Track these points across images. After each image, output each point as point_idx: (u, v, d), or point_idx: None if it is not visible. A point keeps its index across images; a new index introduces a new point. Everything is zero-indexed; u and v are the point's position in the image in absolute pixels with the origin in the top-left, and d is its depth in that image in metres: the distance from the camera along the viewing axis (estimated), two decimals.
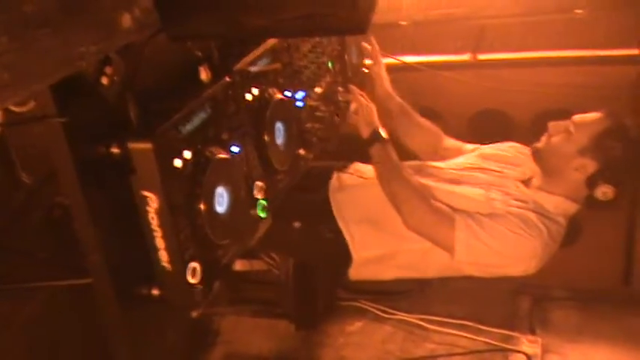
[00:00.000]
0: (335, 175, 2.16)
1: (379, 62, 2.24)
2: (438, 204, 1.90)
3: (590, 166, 1.88)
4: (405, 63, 2.40)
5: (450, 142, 2.29)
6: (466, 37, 2.65)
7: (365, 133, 1.97)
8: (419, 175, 2.08)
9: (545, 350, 2.52)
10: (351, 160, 2.22)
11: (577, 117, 1.93)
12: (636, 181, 2.23)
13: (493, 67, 2.51)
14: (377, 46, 2.24)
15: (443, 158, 2.22)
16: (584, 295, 2.71)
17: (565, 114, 2.30)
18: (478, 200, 1.92)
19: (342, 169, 2.20)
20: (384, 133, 1.95)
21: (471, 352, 2.53)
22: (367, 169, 2.17)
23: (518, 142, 2.37)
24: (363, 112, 1.97)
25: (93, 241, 1.18)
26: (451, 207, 1.90)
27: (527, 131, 2.51)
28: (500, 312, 2.68)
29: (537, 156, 1.98)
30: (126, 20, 0.97)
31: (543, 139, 1.96)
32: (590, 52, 2.41)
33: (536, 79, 2.42)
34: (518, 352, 2.51)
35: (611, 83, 2.36)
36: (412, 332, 2.65)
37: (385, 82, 2.24)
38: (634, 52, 2.35)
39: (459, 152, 2.24)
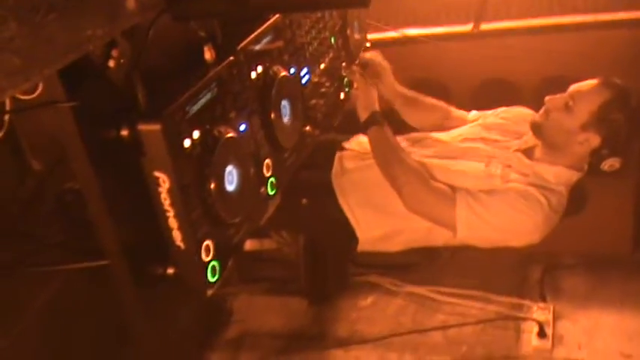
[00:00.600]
0: (337, 157, 2.14)
1: (383, 64, 2.19)
2: (437, 184, 1.89)
3: (594, 139, 1.85)
4: (408, 36, 2.40)
5: (456, 113, 2.27)
6: (468, 8, 2.64)
7: (362, 116, 1.96)
8: (419, 147, 2.09)
9: (556, 317, 2.55)
10: (355, 133, 2.20)
11: (573, 88, 1.89)
12: None
13: (495, 36, 2.51)
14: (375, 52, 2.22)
15: (448, 129, 2.20)
16: (593, 262, 2.72)
17: (569, 80, 2.30)
18: (478, 176, 1.91)
19: (346, 144, 2.19)
20: (380, 116, 1.94)
21: (483, 322, 2.56)
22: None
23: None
24: (362, 95, 1.97)
25: (107, 224, 1.19)
26: (450, 185, 1.89)
27: (532, 98, 2.50)
28: (511, 281, 2.70)
29: (537, 131, 1.94)
30: (130, 2, 0.97)
31: (542, 113, 1.92)
32: (593, 16, 2.40)
33: (539, 47, 2.41)
34: (530, 319, 2.53)
35: (616, 48, 2.35)
36: (423, 304, 2.68)
37: (390, 79, 2.21)
38: (638, 15, 2.33)
39: (464, 122, 2.22)
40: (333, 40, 1.96)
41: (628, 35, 2.34)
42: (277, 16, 1.56)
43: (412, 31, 2.46)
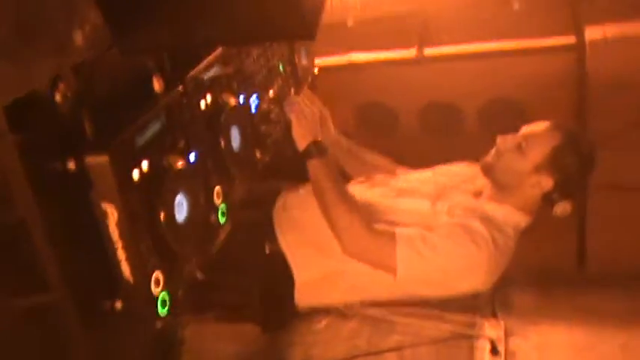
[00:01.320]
0: (281, 195, 2.09)
1: (325, 114, 2.10)
2: (379, 225, 1.82)
3: (547, 182, 1.83)
4: (353, 62, 2.44)
5: (401, 171, 2.22)
6: (411, 33, 2.70)
7: (300, 144, 1.83)
8: (365, 186, 2.06)
9: (507, 333, 2.58)
10: (302, 181, 2.09)
11: (526, 130, 1.87)
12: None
13: (438, 60, 2.57)
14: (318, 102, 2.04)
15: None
16: (541, 277, 2.78)
17: (509, 102, 2.38)
18: (423, 214, 1.87)
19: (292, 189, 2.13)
20: (321, 147, 1.84)
21: (437, 341, 2.58)
22: None
23: (467, 130, 2.43)
24: (301, 121, 1.84)
25: (52, 257, 1.17)
26: (391, 223, 1.83)
27: (475, 120, 2.58)
28: (463, 299, 2.73)
29: (488, 171, 1.91)
30: (78, 38, 0.97)
31: (493, 153, 1.89)
32: (529, 41, 2.49)
33: (480, 70, 2.48)
34: (482, 337, 2.57)
35: (552, 71, 2.44)
36: (378, 326, 2.67)
37: (331, 130, 2.14)
38: (570, 40, 2.43)
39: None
40: (281, 67, 1.99)
41: (566, 59, 2.43)
42: None
43: (358, 56, 2.50)
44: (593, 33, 2.37)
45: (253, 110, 1.77)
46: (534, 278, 2.80)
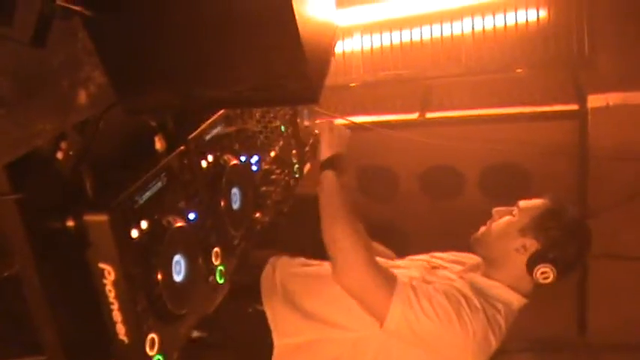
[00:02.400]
0: (270, 261, 2.07)
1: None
2: (381, 264, 1.78)
3: (531, 245, 1.83)
4: (355, 123, 2.45)
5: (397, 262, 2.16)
6: (414, 97, 2.74)
7: (324, 153, 1.88)
8: None
9: None
10: (296, 254, 2.11)
11: (522, 202, 1.91)
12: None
13: (441, 124, 2.60)
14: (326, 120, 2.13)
15: None
16: (540, 346, 2.74)
17: (510, 168, 2.39)
18: (414, 278, 1.85)
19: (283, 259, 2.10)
20: (342, 162, 1.86)
21: None
22: (311, 265, 2.07)
23: (467, 195, 2.43)
24: (332, 132, 1.89)
25: (46, 316, 1.15)
26: (393, 272, 1.79)
27: (475, 185, 2.59)
28: None
29: (477, 243, 1.93)
30: (82, 97, 0.98)
31: (484, 226, 1.93)
32: (532, 108, 2.52)
33: (482, 136, 2.50)
34: None
35: (553, 137, 2.46)
36: None
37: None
38: (573, 107, 2.46)
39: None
40: (283, 128, 2.00)
41: (564, 125, 2.45)
42: None
43: (360, 119, 2.52)
44: (595, 101, 2.40)
45: (255, 170, 1.77)
46: (533, 347, 2.76)
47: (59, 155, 1.09)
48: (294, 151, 2.08)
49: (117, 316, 1.19)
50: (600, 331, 2.67)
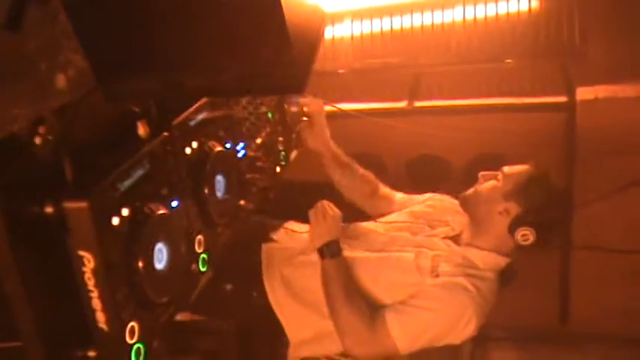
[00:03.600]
0: (264, 249, 2.12)
1: (321, 116, 2.23)
2: (365, 306, 1.87)
3: (513, 209, 1.92)
4: (343, 110, 2.44)
5: (384, 190, 2.31)
6: (403, 85, 2.72)
7: (317, 243, 1.92)
8: (348, 239, 2.07)
9: None
10: (286, 218, 2.19)
11: (506, 168, 1.99)
12: (566, 225, 2.31)
13: (429, 113, 2.59)
14: (320, 100, 2.24)
15: (375, 208, 2.26)
16: (522, 335, 2.76)
17: (497, 158, 2.38)
18: (407, 269, 1.93)
19: (273, 235, 2.17)
20: (337, 247, 1.91)
21: None
22: (300, 228, 2.15)
23: (453, 184, 2.43)
24: (322, 223, 1.93)
25: (23, 303, 1.13)
26: (380, 304, 1.90)
27: (463, 174, 2.58)
28: (442, 355, 2.70)
29: (465, 203, 2.03)
30: (61, 81, 0.95)
31: (473, 187, 2.01)
32: (521, 99, 2.51)
33: (470, 125, 2.49)
34: None
35: (541, 128, 2.46)
36: None
37: (325, 132, 2.23)
38: (562, 99, 2.46)
39: (391, 202, 2.27)
40: (270, 115, 1.98)
41: (552, 117, 2.45)
42: None
43: (348, 106, 2.50)
44: (584, 93, 2.40)
45: (240, 157, 1.75)
46: (515, 335, 2.78)
47: (37, 140, 1.06)
48: (280, 138, 2.07)
49: (96, 304, 1.17)
50: (582, 321, 2.70)
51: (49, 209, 1.12)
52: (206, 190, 1.50)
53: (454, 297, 1.84)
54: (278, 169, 2.04)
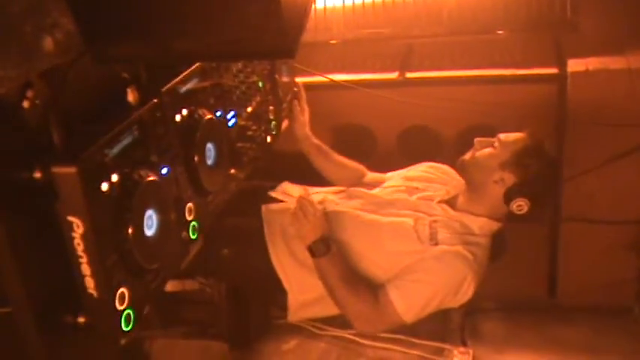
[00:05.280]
0: (264, 210, 2.13)
1: (303, 107, 2.27)
2: (367, 288, 1.91)
3: (509, 179, 1.96)
4: (334, 81, 2.43)
5: (372, 175, 2.33)
6: (394, 56, 2.71)
7: (305, 242, 1.92)
8: (345, 196, 2.11)
9: None
10: (281, 180, 2.23)
11: (502, 135, 2.02)
12: (556, 196, 2.33)
13: (420, 84, 2.57)
14: (302, 90, 2.28)
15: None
16: (511, 306, 2.79)
17: (488, 130, 2.38)
18: (407, 236, 1.96)
19: (272, 193, 2.20)
20: (326, 243, 1.91)
21: None
22: (295, 190, 2.18)
23: (444, 155, 2.43)
24: (304, 222, 1.92)
25: (12, 269, 1.13)
26: (377, 268, 1.94)
27: (453, 146, 2.58)
28: (432, 325, 2.72)
29: (462, 168, 2.06)
30: (48, 44, 0.94)
31: (469, 152, 2.04)
32: (512, 70, 2.50)
33: (461, 97, 2.48)
34: None
35: (532, 100, 2.45)
36: (347, 348, 2.65)
37: (306, 124, 2.27)
38: (553, 70, 2.45)
39: (381, 183, 2.27)
40: (261, 84, 1.97)
41: (544, 89, 2.44)
42: None
43: (339, 77, 2.49)
44: (575, 65, 2.39)
45: (230, 126, 1.74)
46: (504, 307, 2.80)
47: (25, 104, 1.05)
48: (271, 108, 2.06)
49: (85, 269, 1.18)
50: (571, 293, 2.71)
51: (37, 174, 1.11)
52: (196, 158, 1.50)
53: (454, 266, 1.89)
54: (269, 139, 2.04)
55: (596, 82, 2.36)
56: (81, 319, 1.22)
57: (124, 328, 1.25)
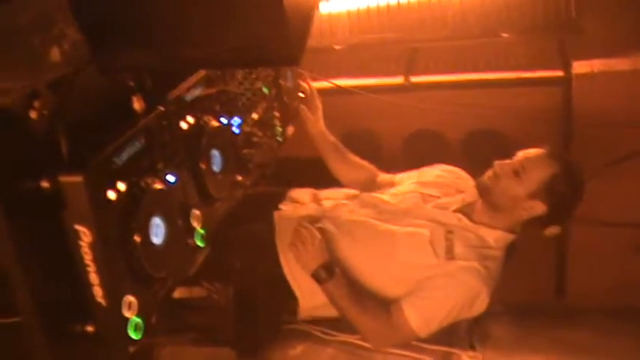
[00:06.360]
0: (276, 217, 2.09)
1: (314, 101, 2.24)
2: (378, 306, 1.88)
3: (540, 207, 1.90)
4: (339, 86, 2.43)
5: (383, 177, 2.27)
6: (399, 61, 2.71)
7: (308, 270, 1.89)
8: (359, 204, 2.07)
9: None
10: (289, 186, 2.20)
11: (523, 155, 1.92)
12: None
13: (425, 89, 2.57)
14: (313, 87, 2.25)
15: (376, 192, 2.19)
16: (519, 309, 2.77)
17: (494, 133, 2.38)
18: (423, 250, 1.91)
19: (282, 205, 2.16)
20: (329, 268, 1.87)
21: None
22: (306, 195, 2.17)
23: (450, 159, 2.43)
24: (303, 252, 1.90)
25: (20, 278, 1.14)
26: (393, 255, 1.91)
27: (460, 150, 2.58)
28: (441, 330, 2.72)
29: (485, 193, 1.95)
30: (54, 54, 0.95)
31: (490, 176, 1.94)
32: (517, 73, 2.50)
33: (466, 100, 2.48)
34: None
35: (538, 103, 2.45)
36: (354, 353, 2.64)
37: (320, 122, 2.24)
38: (558, 73, 2.45)
39: (392, 184, 2.22)
40: (266, 90, 1.97)
41: (549, 92, 2.44)
42: None
43: (344, 82, 2.49)
44: (580, 67, 2.38)
45: (236, 133, 1.75)
46: (513, 310, 2.79)
47: (32, 114, 1.06)
48: (276, 114, 2.06)
49: (93, 278, 1.18)
50: (579, 295, 2.71)
51: (45, 184, 1.12)
52: (202, 165, 1.50)
53: (470, 283, 1.85)
54: (274, 145, 2.03)
55: (602, 84, 2.35)
56: (89, 328, 1.23)
57: (132, 336, 1.26)
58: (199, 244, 1.50)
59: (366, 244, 1.96)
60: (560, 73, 2.44)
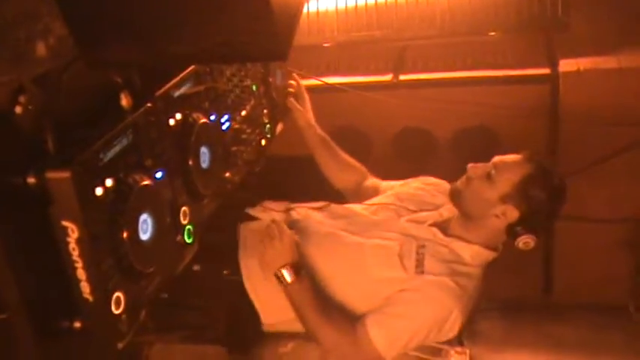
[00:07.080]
0: (242, 228, 2.02)
1: (303, 93, 2.23)
2: (343, 318, 1.79)
3: (512, 213, 1.80)
4: (328, 84, 2.44)
5: (372, 181, 2.22)
6: (388, 59, 2.72)
7: (270, 270, 1.78)
8: (329, 216, 2.01)
9: None
10: (262, 197, 2.13)
11: (498, 158, 1.84)
12: None
13: (414, 86, 2.58)
14: (300, 81, 2.24)
15: (362, 197, 2.16)
16: (507, 306, 2.79)
17: (483, 131, 2.40)
18: (391, 263, 1.83)
19: (250, 211, 2.09)
20: (294, 269, 1.77)
21: None
22: (277, 206, 2.10)
23: (439, 157, 2.44)
24: (270, 252, 1.79)
25: (7, 275, 1.13)
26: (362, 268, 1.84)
27: (447, 147, 2.60)
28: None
29: (456, 197, 1.88)
30: (40, 49, 0.94)
31: (463, 180, 1.87)
32: (504, 71, 2.52)
33: (454, 98, 2.49)
34: None
35: (525, 101, 2.47)
36: None
37: (308, 114, 2.21)
38: (545, 71, 2.46)
39: (377, 191, 2.17)
40: (254, 87, 1.97)
41: (536, 89, 2.46)
42: None
43: (333, 80, 2.50)
44: (567, 65, 2.40)
45: (225, 129, 1.75)
46: (500, 306, 2.81)
47: (18, 109, 1.05)
48: (265, 111, 2.06)
49: (81, 274, 1.18)
50: (566, 291, 2.73)
51: (31, 180, 1.11)
52: (190, 162, 1.50)
53: (439, 299, 1.75)
54: (263, 142, 2.04)
55: (588, 81, 2.37)
56: (77, 324, 1.22)
57: (121, 333, 1.25)
58: (187, 240, 1.50)
59: (333, 256, 1.89)
60: (547, 71, 2.46)
